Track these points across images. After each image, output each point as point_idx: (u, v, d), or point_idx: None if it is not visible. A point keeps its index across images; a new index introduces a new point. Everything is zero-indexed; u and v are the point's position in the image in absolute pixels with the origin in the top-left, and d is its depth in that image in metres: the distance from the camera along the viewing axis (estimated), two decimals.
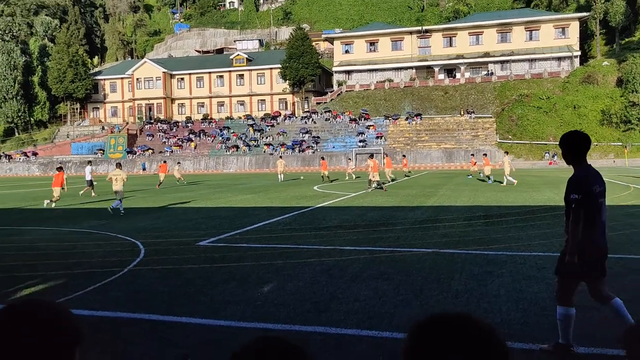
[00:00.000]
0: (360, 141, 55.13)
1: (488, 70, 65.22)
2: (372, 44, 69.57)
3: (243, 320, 5.76)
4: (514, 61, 64.39)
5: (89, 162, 27.51)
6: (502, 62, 65.06)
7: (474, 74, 65.45)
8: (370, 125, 58.25)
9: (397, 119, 58.74)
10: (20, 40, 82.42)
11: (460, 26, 67.76)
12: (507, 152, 30.43)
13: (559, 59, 63.25)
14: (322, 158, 36.22)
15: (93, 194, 25.26)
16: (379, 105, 63.99)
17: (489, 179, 28.29)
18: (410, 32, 69.09)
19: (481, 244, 9.73)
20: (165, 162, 37.35)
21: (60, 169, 21.46)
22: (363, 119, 60.16)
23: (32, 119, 76.04)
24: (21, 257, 9.61)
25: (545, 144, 52.79)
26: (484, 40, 66.48)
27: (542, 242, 9.78)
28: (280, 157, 42.14)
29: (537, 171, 40.87)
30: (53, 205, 19.52)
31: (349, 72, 69.14)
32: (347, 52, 70.21)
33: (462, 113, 58.75)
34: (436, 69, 66.76)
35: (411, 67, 67.44)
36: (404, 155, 43.30)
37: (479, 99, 61.15)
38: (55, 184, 20.29)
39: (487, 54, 65.72)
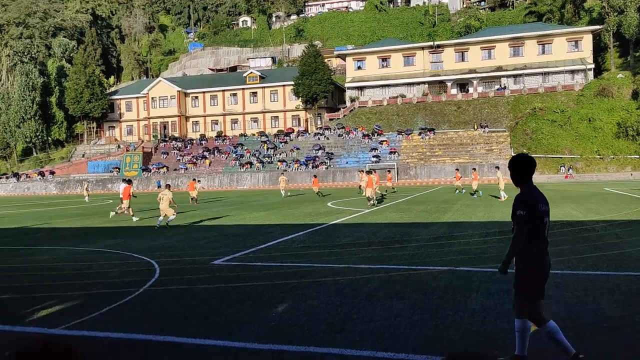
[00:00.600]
0: (373, 157, 55.10)
1: (501, 85, 65.03)
2: (384, 59, 69.87)
3: (257, 342, 5.73)
4: (527, 75, 64.17)
5: (124, 180, 28.34)
6: (515, 76, 64.87)
7: (486, 89, 65.30)
8: (384, 141, 58.24)
9: (410, 134, 58.69)
10: (39, 61, 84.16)
11: (472, 41, 67.83)
12: (498, 167, 30.36)
13: (573, 72, 62.90)
14: (315, 176, 37.63)
15: (124, 211, 25.55)
16: (391, 120, 64.03)
17: (475, 194, 28.84)
18: (422, 48, 69.30)
19: (498, 261, 9.59)
20: (194, 179, 37.87)
21: (129, 181, 22.94)
22: (376, 134, 60.20)
23: (49, 138, 77.27)
24: (38, 278, 9.69)
25: (561, 157, 52.28)
26: (496, 55, 66.42)
27: (559, 259, 9.63)
28: (282, 173, 42.68)
29: (553, 185, 40.42)
30: (112, 213, 21.56)
31: (361, 88, 69.40)
32: (359, 68, 70.56)
33: (475, 127, 58.52)
34: (449, 84, 66.75)
35: (423, 82, 67.52)
36: (388, 171, 42.95)
37: (492, 113, 60.91)
38: (124, 196, 21.82)
39: (499, 68, 65.60)
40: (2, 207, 35.82)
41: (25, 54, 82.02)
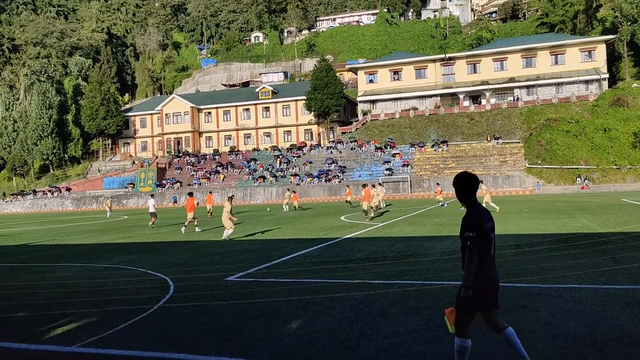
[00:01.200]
0: (386, 169, 55.01)
1: (514, 96, 64.78)
2: (395, 72, 70.05)
3: (272, 359, 5.71)
4: (540, 86, 63.86)
5: (152, 196, 29.46)
6: (528, 87, 64.60)
7: (499, 100, 65.08)
8: (396, 154, 58.16)
9: (423, 147, 58.56)
10: (56, 80, 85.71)
11: (484, 52, 67.79)
12: (481, 181, 30.08)
13: (587, 82, 62.48)
14: (294, 191, 38.46)
15: (151, 224, 26.11)
16: (404, 133, 63.98)
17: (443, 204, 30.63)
18: (434, 60, 69.40)
19: (513, 276, 9.49)
20: (210, 192, 38.55)
21: (191, 194, 24.35)
22: (389, 147, 60.16)
23: (66, 155, 78.38)
24: (54, 295, 9.77)
25: (576, 168, 51.74)
26: (508, 66, 66.26)
27: (577, 273, 9.49)
28: (288, 189, 42.95)
29: (570, 196, 39.96)
30: (183, 229, 22.00)
31: (373, 102, 69.55)
32: (371, 81, 70.79)
33: (488, 139, 58.22)
34: (461, 96, 66.64)
35: (436, 95, 67.49)
36: (373, 185, 42.85)
37: (505, 125, 60.60)
38: (189, 209, 22.98)
39: (512, 80, 65.39)
40: (19, 224, 36.30)
41: (43, 73, 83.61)
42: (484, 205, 25.35)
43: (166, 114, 75.41)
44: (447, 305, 7.58)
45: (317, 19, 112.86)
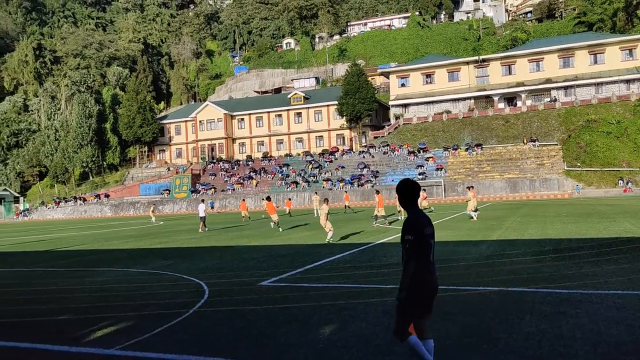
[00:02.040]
0: (419, 174, 54.48)
1: (551, 97, 63.28)
2: (428, 76, 69.44)
3: None
4: (578, 86, 62.21)
5: (202, 200, 30.35)
6: (565, 87, 63.01)
7: (535, 101, 63.68)
8: (430, 157, 57.56)
9: (456, 150, 57.78)
10: (95, 90, 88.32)
11: (519, 53, 66.53)
12: (472, 187, 29.31)
13: (628, 81, 60.52)
14: (268, 198, 31.21)
15: (200, 230, 26.60)
16: (437, 136, 63.28)
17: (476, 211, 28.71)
18: (467, 63, 68.50)
19: (552, 282, 9.24)
20: (244, 199, 39.06)
21: (268, 198, 26.72)
22: (422, 151, 59.60)
23: (104, 163, 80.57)
24: (93, 299, 10.03)
25: (618, 171, 50.09)
26: (545, 67, 64.82)
27: (620, 278, 9.17)
28: (315, 192, 43.17)
29: (611, 199, 38.71)
30: (272, 225, 24.28)
31: (405, 105, 69.08)
32: (403, 85, 70.35)
33: (525, 141, 56.99)
34: (495, 98, 65.50)
35: (469, 98, 66.56)
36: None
37: (542, 127, 59.22)
38: (270, 211, 25.16)
39: (549, 80, 63.91)
40: (61, 230, 37.45)
41: (82, 83, 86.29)
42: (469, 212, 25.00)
43: (200, 121, 76.68)
44: (483, 312, 7.45)
45: (349, 23, 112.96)
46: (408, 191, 4.94)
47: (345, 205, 39.95)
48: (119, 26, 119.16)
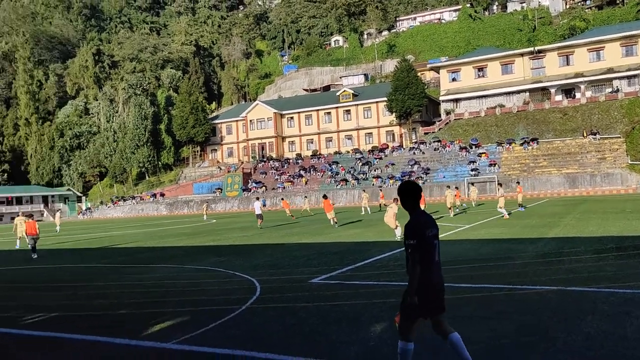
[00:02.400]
0: (472, 170, 53.25)
1: (613, 87, 60.32)
2: (480, 69, 67.71)
3: None
4: None
5: (257, 198, 31.41)
6: (629, 77, 59.84)
7: (596, 93, 60.86)
8: (482, 153, 56.14)
9: (510, 145, 56.06)
10: (150, 92, 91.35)
11: (577, 43, 63.77)
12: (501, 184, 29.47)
13: None
14: (325, 196, 33.42)
15: (259, 225, 27.38)
16: (490, 131, 61.61)
17: (521, 207, 28.69)
18: (522, 54, 66.29)
19: (615, 281, 8.81)
20: (283, 198, 39.43)
21: (325, 196, 27.06)
22: (474, 146, 58.22)
23: (159, 163, 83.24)
24: (150, 294, 10.39)
25: None
26: (606, 56, 61.82)
27: None
28: (364, 190, 42.71)
29: None
30: (331, 223, 24.79)
31: (456, 100, 67.65)
32: (454, 80, 68.92)
33: (584, 135, 54.59)
34: (552, 90, 63.09)
35: (524, 90, 64.40)
36: (517, 182, 40.78)
37: (603, 119, 56.55)
38: (327, 209, 25.40)
39: (610, 70, 60.93)
40: (120, 228, 38.99)
41: (138, 86, 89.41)
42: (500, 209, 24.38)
43: (250, 120, 77.89)
44: (540, 311, 7.20)
45: (397, 19, 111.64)
46: (409, 193, 4.95)
47: (380, 204, 39.84)
48: (172, 29, 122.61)
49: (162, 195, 71.40)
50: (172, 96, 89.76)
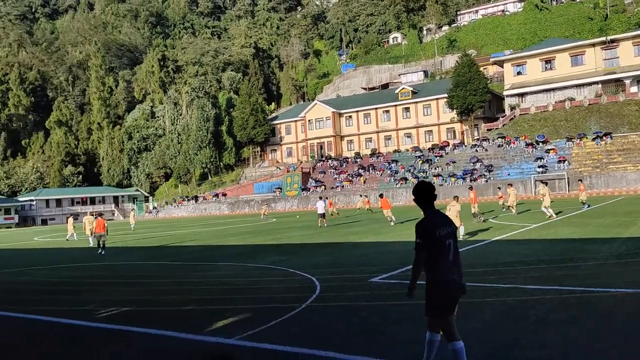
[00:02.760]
0: (539, 166, 51.13)
1: None
2: (547, 62, 64.89)
3: None
4: None
5: (320, 198, 32.18)
6: None
7: None
8: (551, 149, 53.77)
9: (581, 140, 53.38)
10: (211, 95, 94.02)
11: None
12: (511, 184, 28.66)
13: None
14: (381, 195, 31.24)
15: (320, 224, 27.95)
16: (558, 126, 58.94)
17: (585, 205, 27.39)
18: (593, 45, 62.94)
19: None
20: (327, 197, 39.71)
21: (381, 195, 28.41)
22: (541, 142, 55.89)
23: (221, 163, 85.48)
24: (214, 291, 10.66)
25: None
26: None
27: None
28: (361, 195, 41.69)
29: None
30: (389, 221, 25.67)
31: (522, 95, 65.17)
32: (519, 73, 66.44)
33: None
34: (627, 82, 59.50)
35: (596, 82, 61.13)
36: (580, 180, 38.90)
37: None
38: (385, 207, 26.43)
39: None
40: (185, 227, 40.34)
41: (200, 89, 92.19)
42: (511, 209, 23.37)
43: (309, 120, 78.46)
44: (615, 315, 6.79)
45: (458, 12, 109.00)
46: (422, 193, 5.07)
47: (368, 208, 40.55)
48: (232, 33, 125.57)
49: (224, 195, 73.25)
50: (233, 98, 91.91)
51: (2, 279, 15.18)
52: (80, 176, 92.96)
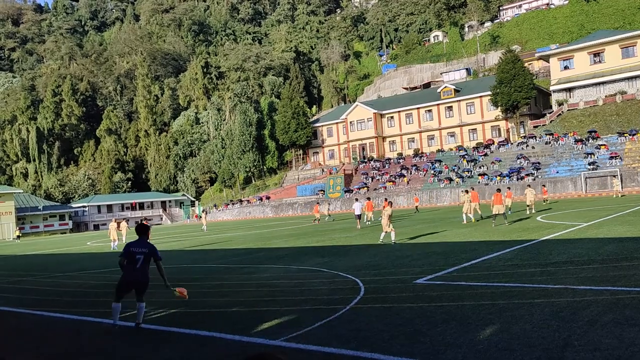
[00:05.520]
0: (589, 164, 49.31)
1: None
2: (596, 55, 62.56)
3: None
4: None
5: (356, 200, 32.63)
6: None
7: None
8: (602, 145, 51.76)
9: (635, 135, 51.14)
10: (253, 99, 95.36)
11: None
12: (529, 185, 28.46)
13: None
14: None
15: (358, 226, 28.39)
16: (609, 121, 56.69)
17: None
18: None
19: None
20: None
21: (466, 191, 26.47)
22: (591, 138, 53.89)
23: (264, 167, 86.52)
24: (260, 293, 10.81)
25: None
26: None
27: None
28: (472, 188, 38.27)
29: None
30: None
31: (569, 90, 63.06)
32: (566, 67, 64.33)
33: None
34: None
35: None
36: (614, 176, 37.22)
37: None
38: (475, 199, 25.74)
39: None
40: (229, 230, 41.03)
41: (243, 94, 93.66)
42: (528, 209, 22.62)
43: (350, 122, 78.38)
44: None
45: (500, 8, 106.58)
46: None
47: (416, 207, 40.36)
48: (273, 38, 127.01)
49: (268, 198, 74.06)
50: (275, 102, 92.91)
51: (58, 281, 15.87)
52: (130, 182, 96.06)
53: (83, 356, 7.41)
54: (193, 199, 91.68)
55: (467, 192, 26.35)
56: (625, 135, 51.89)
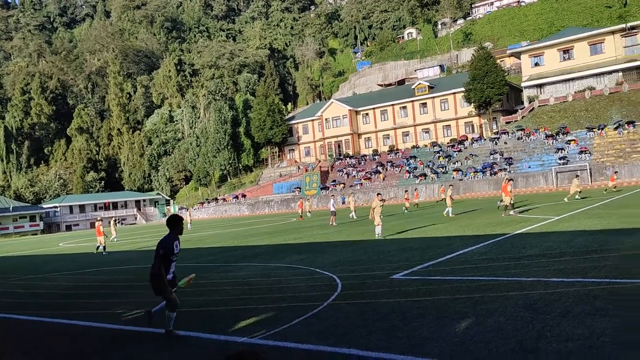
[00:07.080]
0: (560, 158, 50.39)
1: None
2: (565, 51, 63.88)
3: (442, 358, 5.56)
4: None
5: (332, 196, 32.90)
6: None
7: None
8: (571, 140, 52.95)
9: (603, 130, 52.44)
10: (228, 97, 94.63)
11: None
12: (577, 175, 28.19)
13: None
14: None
15: (331, 223, 28.28)
16: (579, 117, 57.99)
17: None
18: (612, 32, 61.73)
19: None
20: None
21: (508, 180, 23.96)
22: (561, 133, 55.07)
23: (240, 165, 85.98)
24: (237, 292, 10.74)
25: None
26: None
27: None
28: (450, 185, 40.22)
29: None
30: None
31: (540, 86, 64.28)
32: (536, 64, 65.53)
33: None
34: None
35: (616, 71, 59.97)
36: (615, 171, 38.12)
37: None
38: (506, 192, 23.16)
39: None
40: (205, 229, 40.68)
41: (217, 92, 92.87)
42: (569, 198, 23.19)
43: (326, 119, 78.45)
44: None
45: (473, 5, 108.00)
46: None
47: (415, 204, 40.40)
48: (247, 35, 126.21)
49: (244, 196, 73.67)
50: (250, 99, 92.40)
51: (30, 284, 15.51)
52: (102, 182, 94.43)
53: (52, 358, 7.26)
54: (168, 198, 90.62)
55: (451, 186, 26.80)
56: (594, 130, 53.21)
